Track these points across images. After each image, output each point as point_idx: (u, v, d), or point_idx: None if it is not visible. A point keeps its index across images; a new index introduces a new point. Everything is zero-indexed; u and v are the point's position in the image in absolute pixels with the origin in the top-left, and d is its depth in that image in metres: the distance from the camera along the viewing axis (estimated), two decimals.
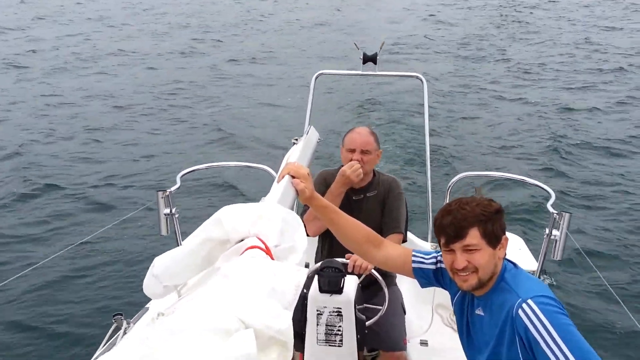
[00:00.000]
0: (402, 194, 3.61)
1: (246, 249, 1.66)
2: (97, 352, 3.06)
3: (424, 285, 2.56)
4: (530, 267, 3.86)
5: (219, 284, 1.50)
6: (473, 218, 2.15)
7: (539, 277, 3.74)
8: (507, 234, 4.50)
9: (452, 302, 2.52)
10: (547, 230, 3.48)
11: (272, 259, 1.68)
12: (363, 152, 3.41)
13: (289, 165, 2.35)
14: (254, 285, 1.46)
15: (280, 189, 2.20)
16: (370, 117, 13.92)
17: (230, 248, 1.71)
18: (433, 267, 2.48)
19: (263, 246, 1.69)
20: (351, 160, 3.41)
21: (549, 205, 3.58)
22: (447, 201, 4.32)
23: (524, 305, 2.08)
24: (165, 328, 1.28)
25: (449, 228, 2.17)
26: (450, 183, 4.33)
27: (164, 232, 3.70)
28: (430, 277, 2.49)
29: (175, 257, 1.76)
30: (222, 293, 1.44)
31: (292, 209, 2.10)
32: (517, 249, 4.32)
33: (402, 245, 3.49)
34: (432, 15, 28.40)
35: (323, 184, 3.57)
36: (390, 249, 2.55)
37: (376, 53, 4.50)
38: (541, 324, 2.02)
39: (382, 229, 3.44)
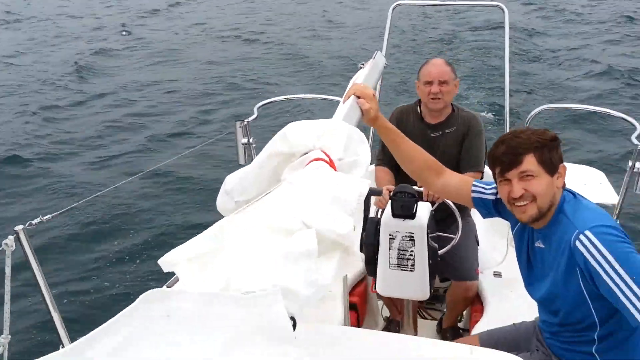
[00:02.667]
0: (482, 132, 3.47)
1: (311, 161, 1.70)
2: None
3: (484, 215, 2.53)
4: (612, 201, 3.75)
5: (284, 190, 1.56)
6: (528, 144, 2.09)
7: (619, 211, 3.64)
8: (588, 168, 4.38)
9: (512, 233, 2.48)
10: (630, 163, 3.35)
11: (336, 171, 1.71)
12: (441, 82, 3.31)
13: (355, 86, 2.33)
14: (317, 192, 1.51)
15: (346, 108, 2.19)
16: (448, 51, 13.56)
17: (296, 160, 1.75)
18: (493, 197, 2.43)
19: (327, 159, 1.72)
20: (429, 92, 3.32)
21: (633, 137, 3.42)
22: None
23: (581, 236, 2.02)
24: (234, 225, 1.36)
25: (504, 156, 2.12)
26: (529, 116, 4.17)
27: (242, 160, 3.80)
28: (490, 207, 2.46)
29: (245, 173, 1.83)
30: (287, 198, 1.50)
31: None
32: (597, 183, 4.16)
33: None
34: None
35: (394, 122, 3.49)
36: (450, 177, 2.51)
37: None
38: (600, 254, 1.97)
39: (460, 167, 3.36)
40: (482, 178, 3.39)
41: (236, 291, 1.17)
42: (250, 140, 3.75)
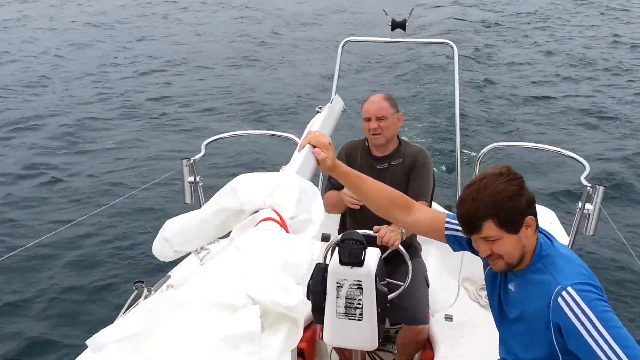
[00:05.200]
0: (429, 164, 3.50)
1: (261, 221, 1.61)
2: (117, 320, 3.09)
3: (456, 250, 2.48)
4: (562, 242, 3.76)
5: (230, 258, 1.47)
6: (485, 211, 2.03)
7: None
8: (539, 207, 4.41)
9: (484, 271, 2.44)
10: (579, 204, 3.37)
11: (287, 231, 1.62)
12: (378, 118, 3.34)
13: (310, 134, 2.27)
14: (265, 259, 1.42)
15: (300, 159, 2.13)
16: (400, 86, 13.73)
17: (245, 219, 1.66)
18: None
19: (278, 218, 1.64)
20: (369, 129, 3.36)
21: (582, 178, 3.46)
22: (477, 173, 4.22)
23: (563, 293, 2.00)
24: (171, 300, 1.25)
25: (462, 221, 2.10)
26: (479, 154, 4.22)
27: (188, 200, 3.72)
28: (464, 244, 2.41)
29: (188, 224, 1.73)
30: (233, 267, 1.41)
31: (311, 179, 2.02)
32: (548, 223, 4.20)
33: None
34: None
35: (343, 157, 3.51)
36: (420, 213, 2.47)
37: (405, 19, 4.36)
38: (582, 313, 1.95)
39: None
40: (430, 207, 3.40)
41: None
42: (197, 178, 3.66)
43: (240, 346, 1.17)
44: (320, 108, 2.92)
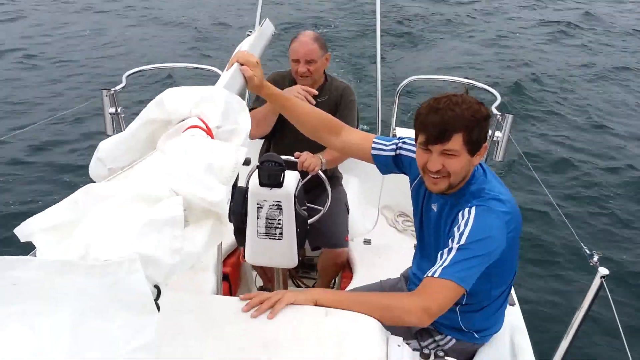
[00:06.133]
0: (354, 102, 3.58)
1: (187, 129, 1.65)
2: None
3: (383, 171, 2.57)
4: None
5: (155, 159, 1.51)
6: (461, 122, 2.01)
7: None
8: None
9: (410, 185, 2.51)
10: (490, 132, 3.51)
11: (213, 138, 1.67)
12: (307, 61, 3.37)
13: (239, 53, 2.30)
14: (190, 159, 1.47)
15: (228, 76, 2.16)
16: (324, 17, 13.67)
17: (172, 128, 1.69)
18: (393, 153, 2.47)
19: (204, 126, 1.68)
20: (297, 71, 3.39)
21: (493, 107, 3.61)
22: (396, 104, 4.36)
23: (466, 208, 2.08)
24: (96, 193, 1.28)
25: (433, 128, 2.04)
26: (399, 87, 4.35)
27: (109, 131, 3.69)
28: (390, 163, 2.49)
29: (118, 141, 1.75)
30: (157, 166, 1.45)
31: (241, 97, 2.07)
32: None
33: None
34: None
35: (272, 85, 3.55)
36: (349, 135, 2.54)
37: None
38: (465, 225, 2.04)
39: None
40: None
41: (94, 260, 1.11)
42: (119, 110, 3.65)
43: (163, 230, 1.22)
44: (250, 32, 2.93)
